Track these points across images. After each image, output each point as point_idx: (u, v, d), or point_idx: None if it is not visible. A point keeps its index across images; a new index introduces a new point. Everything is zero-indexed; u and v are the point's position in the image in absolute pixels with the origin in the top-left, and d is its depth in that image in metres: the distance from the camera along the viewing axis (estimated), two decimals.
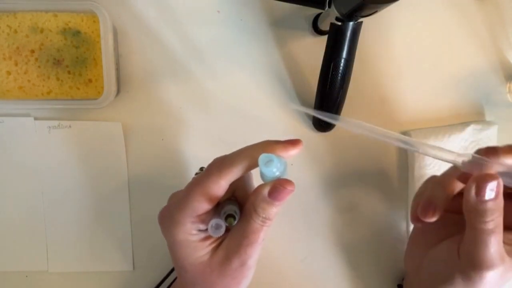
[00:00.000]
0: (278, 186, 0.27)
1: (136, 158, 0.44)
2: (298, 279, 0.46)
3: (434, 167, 0.45)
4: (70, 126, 0.43)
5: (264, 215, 0.28)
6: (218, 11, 0.44)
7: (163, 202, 0.44)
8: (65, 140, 0.43)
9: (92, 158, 0.43)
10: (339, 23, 0.37)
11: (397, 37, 0.46)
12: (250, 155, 0.28)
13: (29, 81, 0.41)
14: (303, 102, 0.45)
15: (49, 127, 0.43)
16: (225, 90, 0.45)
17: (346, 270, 0.47)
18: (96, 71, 0.41)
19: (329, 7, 0.38)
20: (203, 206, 0.28)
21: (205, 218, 0.29)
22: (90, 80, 0.41)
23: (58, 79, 0.41)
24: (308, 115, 0.45)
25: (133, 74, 0.44)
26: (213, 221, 0.28)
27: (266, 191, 0.27)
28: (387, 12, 0.36)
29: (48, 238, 0.44)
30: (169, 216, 0.30)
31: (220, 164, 0.28)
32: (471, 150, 0.46)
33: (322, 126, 0.44)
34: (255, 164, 0.27)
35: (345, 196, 0.46)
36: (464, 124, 0.46)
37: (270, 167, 0.26)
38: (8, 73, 0.41)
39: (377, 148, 0.46)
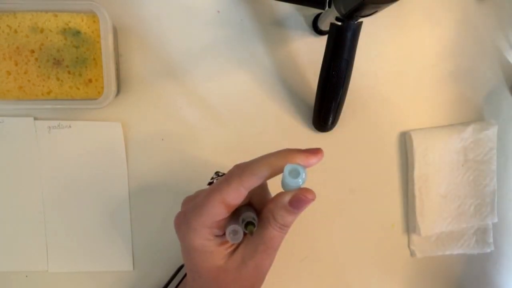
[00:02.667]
0: (300, 196, 0.27)
1: (136, 158, 0.44)
2: (298, 279, 0.46)
3: (434, 167, 0.45)
4: (70, 126, 0.43)
5: (282, 223, 0.29)
6: (218, 11, 0.44)
7: (163, 202, 0.44)
8: (65, 140, 0.43)
9: (92, 158, 0.43)
10: (339, 23, 0.37)
11: (397, 37, 0.46)
12: (271, 163, 0.27)
13: (29, 81, 0.41)
14: (303, 102, 0.45)
15: (49, 127, 0.43)
16: (225, 90, 0.45)
17: (346, 271, 0.47)
18: (96, 71, 0.41)
19: (329, 7, 0.38)
20: (222, 212, 0.28)
21: (222, 224, 0.29)
22: (90, 80, 0.41)
23: (58, 79, 0.41)
24: (308, 115, 0.45)
25: (133, 74, 0.44)
26: (231, 227, 0.28)
27: (287, 199, 0.28)
28: (387, 12, 0.36)
29: (48, 238, 0.44)
30: (185, 222, 0.29)
31: (241, 172, 0.28)
32: (471, 150, 0.46)
33: (322, 126, 0.44)
34: (276, 173, 0.28)
35: (345, 196, 0.46)
36: (464, 124, 0.46)
37: (296, 178, 0.26)
38: (8, 73, 0.41)
39: (377, 148, 0.46)
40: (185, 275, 0.42)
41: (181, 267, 0.43)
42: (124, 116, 0.44)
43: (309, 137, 0.45)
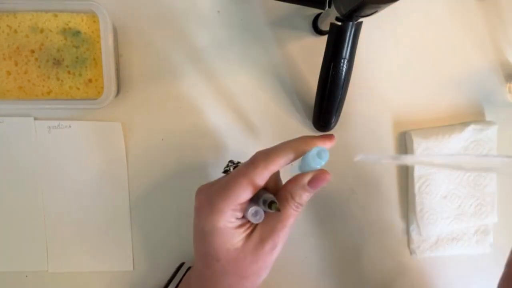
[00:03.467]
0: (319, 175, 0.31)
1: (136, 158, 0.44)
2: (298, 279, 0.46)
3: (434, 167, 0.45)
4: (70, 126, 0.43)
5: (299, 201, 0.32)
6: (218, 11, 0.44)
7: (163, 202, 0.45)
8: (65, 140, 0.43)
9: (92, 158, 0.43)
10: (339, 23, 0.37)
11: (397, 37, 0.46)
12: (293, 148, 0.30)
13: (29, 81, 0.41)
14: (303, 102, 0.45)
15: (49, 127, 0.43)
16: (225, 90, 0.45)
17: (346, 271, 0.47)
18: (96, 71, 0.41)
19: (329, 7, 0.38)
20: (247, 195, 0.30)
21: (243, 206, 0.31)
22: (90, 80, 0.41)
23: (58, 79, 0.41)
24: (308, 115, 0.45)
25: (133, 74, 0.44)
26: (253, 209, 0.31)
27: (306, 179, 0.31)
28: (387, 12, 0.36)
29: (48, 238, 0.44)
30: (210, 204, 0.31)
31: (265, 157, 0.30)
32: (471, 150, 0.46)
33: (322, 126, 0.44)
34: (297, 157, 0.31)
35: (345, 196, 0.46)
36: (464, 124, 0.46)
37: (322, 159, 0.29)
38: (8, 73, 0.41)
39: (377, 148, 0.46)
40: (185, 273, 0.42)
41: (180, 266, 0.43)
42: (124, 116, 0.44)
43: None
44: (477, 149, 0.46)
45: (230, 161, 0.38)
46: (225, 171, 0.37)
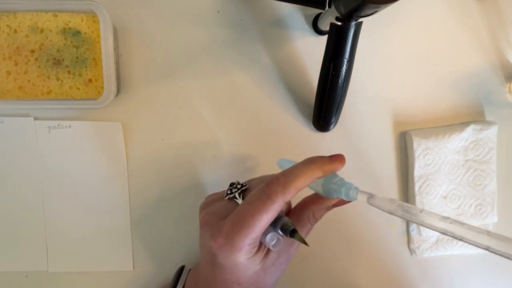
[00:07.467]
0: (344, 201, 0.33)
1: (136, 158, 0.44)
2: (298, 280, 0.46)
3: (434, 167, 0.45)
4: (70, 126, 0.43)
5: (318, 218, 0.34)
6: (218, 11, 0.44)
7: (163, 202, 0.45)
8: (65, 140, 0.43)
9: (92, 158, 0.43)
10: (339, 23, 0.37)
11: (397, 37, 0.46)
12: (311, 176, 0.30)
13: (29, 81, 0.41)
14: (303, 102, 0.45)
15: (49, 127, 0.43)
16: (225, 90, 0.45)
17: (346, 271, 0.47)
18: (96, 71, 0.41)
19: (329, 7, 0.38)
20: (266, 225, 0.30)
21: (261, 234, 0.31)
22: (90, 80, 0.41)
23: (58, 79, 0.41)
24: (308, 115, 0.45)
25: (133, 74, 0.44)
26: (270, 236, 0.31)
27: (332, 203, 0.33)
28: (387, 12, 0.36)
29: (48, 238, 0.44)
30: (230, 243, 0.30)
31: (283, 189, 0.30)
32: (471, 150, 0.46)
33: (322, 126, 0.44)
34: (312, 181, 0.31)
35: None
36: (464, 124, 0.46)
37: (353, 198, 0.30)
38: (8, 73, 0.41)
39: (377, 148, 0.46)
40: (186, 278, 0.41)
41: (181, 270, 0.43)
42: (124, 116, 0.44)
43: (309, 137, 0.45)
44: (477, 149, 0.46)
45: (232, 186, 0.36)
46: (231, 197, 0.35)
